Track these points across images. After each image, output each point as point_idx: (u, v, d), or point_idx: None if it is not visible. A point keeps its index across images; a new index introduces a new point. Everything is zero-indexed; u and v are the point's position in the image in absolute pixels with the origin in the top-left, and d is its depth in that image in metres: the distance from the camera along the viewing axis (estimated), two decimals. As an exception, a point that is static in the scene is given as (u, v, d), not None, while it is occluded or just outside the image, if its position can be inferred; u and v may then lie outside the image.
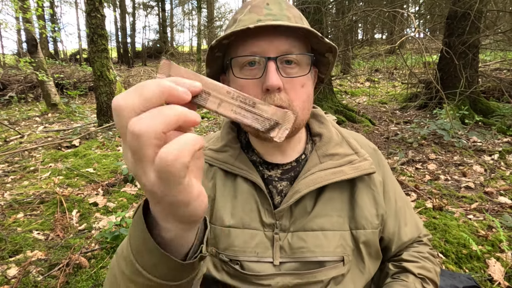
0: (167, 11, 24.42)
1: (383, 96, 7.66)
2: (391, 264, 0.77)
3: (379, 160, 0.79)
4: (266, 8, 0.63)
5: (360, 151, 0.72)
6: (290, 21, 0.61)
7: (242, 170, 0.70)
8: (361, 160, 0.70)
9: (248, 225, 0.69)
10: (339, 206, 0.70)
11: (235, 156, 0.72)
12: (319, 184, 0.67)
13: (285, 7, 0.64)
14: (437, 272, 0.76)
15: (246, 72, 0.63)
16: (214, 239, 0.70)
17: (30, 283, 1.71)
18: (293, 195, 0.67)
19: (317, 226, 0.68)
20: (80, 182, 3.11)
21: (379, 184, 0.74)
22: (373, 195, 0.72)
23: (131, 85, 9.01)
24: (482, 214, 2.26)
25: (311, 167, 0.70)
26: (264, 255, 0.68)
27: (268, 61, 0.60)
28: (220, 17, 21.63)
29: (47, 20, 16.63)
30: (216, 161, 0.73)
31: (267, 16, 0.61)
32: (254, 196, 0.70)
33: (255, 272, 0.67)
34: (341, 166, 0.69)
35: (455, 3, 4.68)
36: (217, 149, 0.74)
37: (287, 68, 0.62)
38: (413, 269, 0.72)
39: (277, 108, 0.39)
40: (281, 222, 0.68)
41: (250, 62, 0.62)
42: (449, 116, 3.87)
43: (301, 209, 0.69)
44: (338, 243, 0.68)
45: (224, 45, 0.65)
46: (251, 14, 0.62)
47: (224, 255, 0.69)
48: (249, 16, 0.62)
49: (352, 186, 0.71)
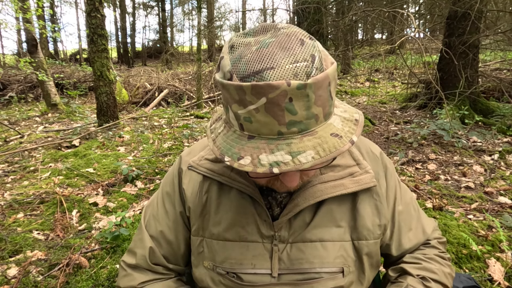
0: (167, 11, 24.42)
1: (383, 96, 7.65)
2: (391, 270, 0.75)
3: (384, 165, 0.76)
4: (288, 109, 0.46)
5: (361, 162, 0.70)
6: (318, 122, 0.49)
7: (238, 183, 0.68)
8: (362, 172, 0.69)
9: (245, 238, 0.68)
10: (339, 216, 0.68)
11: (231, 167, 0.67)
12: (318, 198, 0.65)
13: (313, 98, 0.47)
14: (446, 273, 0.71)
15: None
16: (211, 252, 0.70)
17: (30, 283, 1.71)
18: (292, 208, 0.66)
19: (316, 237, 0.67)
20: (80, 182, 3.11)
21: (383, 191, 0.72)
22: (376, 205, 0.70)
23: (131, 85, 9.01)
24: (482, 214, 2.26)
25: (311, 179, 0.68)
26: (262, 266, 0.67)
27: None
28: (220, 17, 21.62)
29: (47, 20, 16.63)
30: (212, 172, 0.70)
31: (291, 126, 0.47)
32: (251, 209, 0.68)
33: (252, 283, 0.66)
34: (341, 179, 0.67)
35: (455, 3, 4.67)
36: (213, 160, 0.72)
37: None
38: (411, 270, 0.70)
39: None
40: (280, 233, 0.67)
41: None
42: (449, 116, 3.87)
43: (300, 220, 0.68)
44: (338, 253, 0.67)
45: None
46: (268, 118, 0.47)
47: (221, 268, 0.68)
48: (266, 119, 0.47)
49: (354, 196, 0.70)
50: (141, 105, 8.14)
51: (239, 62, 0.49)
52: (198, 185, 0.73)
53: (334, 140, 0.48)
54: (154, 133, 5.06)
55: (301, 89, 0.45)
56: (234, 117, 0.51)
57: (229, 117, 0.53)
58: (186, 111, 6.96)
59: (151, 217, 0.79)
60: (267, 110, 0.46)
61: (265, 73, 0.46)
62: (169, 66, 15.82)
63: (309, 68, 0.47)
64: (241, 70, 0.48)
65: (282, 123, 0.47)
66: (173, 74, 10.73)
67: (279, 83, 0.44)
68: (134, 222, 2.34)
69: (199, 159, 0.74)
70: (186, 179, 0.75)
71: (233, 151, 0.50)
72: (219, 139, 0.55)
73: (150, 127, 5.52)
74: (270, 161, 0.46)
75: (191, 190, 0.74)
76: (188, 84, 9.52)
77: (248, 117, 0.49)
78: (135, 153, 4.09)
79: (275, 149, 0.47)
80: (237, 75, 0.48)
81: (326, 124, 0.51)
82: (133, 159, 3.76)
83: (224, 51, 0.54)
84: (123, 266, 0.77)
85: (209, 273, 0.70)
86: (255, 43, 0.50)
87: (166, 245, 0.76)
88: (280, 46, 0.48)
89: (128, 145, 4.45)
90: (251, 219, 0.68)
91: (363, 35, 15.73)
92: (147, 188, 2.98)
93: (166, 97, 8.43)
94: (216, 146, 0.54)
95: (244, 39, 0.53)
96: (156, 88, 8.68)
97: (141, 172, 3.20)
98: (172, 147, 4.27)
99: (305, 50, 0.48)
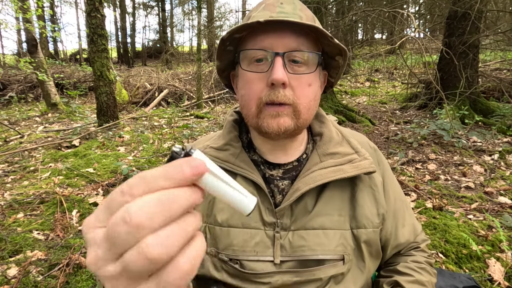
0: (167, 11, 24.44)
1: (383, 96, 7.66)
2: (386, 284, 0.74)
3: (379, 159, 0.80)
4: (280, 6, 0.64)
5: (360, 150, 0.73)
6: (301, 20, 0.61)
7: (242, 169, 0.70)
8: (361, 159, 0.71)
9: (248, 225, 0.69)
10: (339, 205, 0.70)
11: (235, 155, 0.72)
12: (318, 182, 0.67)
13: (299, 7, 0.66)
14: (433, 283, 0.74)
15: (254, 67, 0.64)
16: (214, 239, 0.71)
17: (30, 283, 1.71)
18: (293, 193, 0.68)
19: (317, 225, 0.68)
20: (80, 182, 3.11)
21: (379, 183, 0.74)
22: (374, 195, 0.72)
23: (131, 85, 9.01)
24: (482, 214, 2.26)
25: (312, 166, 0.70)
26: (264, 254, 0.68)
27: (276, 56, 0.61)
28: (220, 17, 21.62)
29: (47, 20, 16.63)
30: (217, 159, 0.73)
31: (280, 13, 0.63)
32: (254, 195, 0.69)
33: (254, 271, 0.67)
34: (341, 165, 0.69)
35: (455, 3, 4.68)
36: (218, 148, 0.74)
37: (294, 66, 0.63)
38: (405, 284, 0.71)
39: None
40: (282, 220, 0.69)
41: (258, 59, 0.63)
42: (449, 116, 3.87)
43: (301, 207, 0.69)
44: (338, 241, 0.68)
45: (235, 39, 0.66)
46: (264, 11, 0.64)
47: (224, 254, 0.69)
48: (262, 13, 0.64)
49: (352, 186, 0.72)
50: (141, 105, 8.14)
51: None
52: None
53: (316, 25, 0.62)
54: (154, 133, 5.06)
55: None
56: (247, 19, 0.66)
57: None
58: (186, 111, 6.96)
59: None
60: (264, 8, 0.65)
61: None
62: (169, 66, 15.82)
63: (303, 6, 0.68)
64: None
65: (274, 12, 0.63)
66: (173, 74, 10.74)
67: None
68: (134, 222, 2.34)
69: (204, 147, 0.77)
70: None
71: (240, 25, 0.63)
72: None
73: (150, 127, 5.52)
74: (258, 19, 0.59)
75: None
76: (188, 84, 9.52)
77: (254, 15, 0.64)
78: (135, 153, 4.09)
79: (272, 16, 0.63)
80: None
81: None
82: (133, 159, 3.76)
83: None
84: None
85: (211, 259, 0.71)
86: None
87: None
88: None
89: (128, 145, 4.45)
90: None
91: (363, 35, 15.74)
92: (147, 188, 2.98)
93: (166, 97, 8.43)
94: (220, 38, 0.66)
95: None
96: (156, 88, 8.69)
97: (141, 172, 3.20)
98: (172, 147, 4.26)
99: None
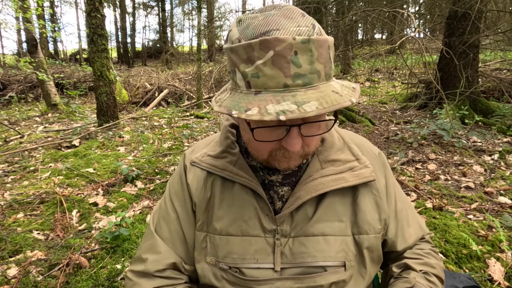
0: (167, 11, 24.43)
1: (383, 96, 7.66)
2: (394, 266, 0.76)
3: (383, 163, 0.78)
4: (293, 62, 0.50)
5: (361, 157, 0.72)
6: (320, 79, 0.53)
7: (240, 177, 0.69)
8: (361, 167, 0.70)
9: (247, 233, 0.68)
10: (340, 211, 0.69)
11: (233, 162, 0.70)
12: (320, 191, 0.66)
13: (316, 54, 0.51)
14: (441, 267, 0.76)
15: (266, 135, 0.58)
16: (214, 248, 0.70)
17: (30, 283, 1.71)
18: (294, 201, 0.67)
19: (318, 231, 0.67)
20: (80, 182, 3.11)
21: (382, 187, 0.73)
22: (375, 200, 0.72)
23: (131, 85, 9.01)
24: (482, 214, 2.26)
25: (313, 173, 0.69)
26: (265, 261, 0.67)
27: (292, 127, 0.56)
28: (220, 17, 21.62)
29: (47, 20, 16.63)
30: (215, 168, 0.72)
31: (296, 79, 0.50)
32: (253, 203, 0.69)
33: (255, 278, 0.66)
34: (342, 173, 0.69)
35: (455, 3, 4.67)
36: (215, 156, 0.73)
37: (309, 129, 0.59)
38: (415, 265, 0.72)
39: None
40: (282, 227, 0.68)
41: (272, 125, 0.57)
42: (449, 116, 3.87)
43: (302, 214, 0.68)
44: (339, 248, 0.68)
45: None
46: (274, 70, 0.50)
47: (223, 263, 0.68)
48: (272, 72, 0.50)
49: (354, 192, 0.71)
50: (141, 105, 8.14)
51: (246, 29, 0.54)
52: (202, 181, 0.74)
53: (336, 95, 0.52)
54: (154, 133, 5.06)
55: (306, 43, 0.50)
56: (241, 77, 0.54)
57: (236, 79, 0.55)
58: (186, 111, 6.96)
59: (161, 219, 0.78)
60: (274, 63, 0.50)
61: (271, 33, 0.51)
62: (169, 66, 15.82)
63: (310, 32, 0.52)
64: (248, 34, 0.53)
65: (288, 75, 0.50)
66: (173, 74, 10.74)
67: (285, 37, 0.49)
68: (134, 222, 2.34)
69: (201, 155, 0.76)
70: (191, 175, 0.76)
71: (240, 105, 0.52)
72: (225, 102, 0.56)
73: (150, 127, 5.52)
74: (276, 110, 0.48)
75: (195, 186, 0.74)
76: (188, 84, 9.52)
77: (255, 73, 0.52)
78: (135, 153, 4.09)
79: (281, 100, 0.50)
80: (245, 39, 0.53)
81: (328, 83, 0.54)
82: (133, 159, 3.76)
83: (232, 25, 0.58)
84: (130, 276, 0.74)
85: (211, 269, 0.70)
86: (261, 15, 0.55)
87: (180, 245, 0.75)
88: (284, 15, 0.53)
89: (128, 145, 4.45)
90: (253, 213, 0.68)
91: (363, 35, 15.73)
92: (147, 188, 2.98)
93: (166, 97, 8.43)
94: (223, 106, 0.55)
95: (251, 15, 0.57)
96: (156, 88, 8.69)
97: (141, 172, 3.20)
98: (172, 147, 4.27)
99: (306, 20, 0.54)
